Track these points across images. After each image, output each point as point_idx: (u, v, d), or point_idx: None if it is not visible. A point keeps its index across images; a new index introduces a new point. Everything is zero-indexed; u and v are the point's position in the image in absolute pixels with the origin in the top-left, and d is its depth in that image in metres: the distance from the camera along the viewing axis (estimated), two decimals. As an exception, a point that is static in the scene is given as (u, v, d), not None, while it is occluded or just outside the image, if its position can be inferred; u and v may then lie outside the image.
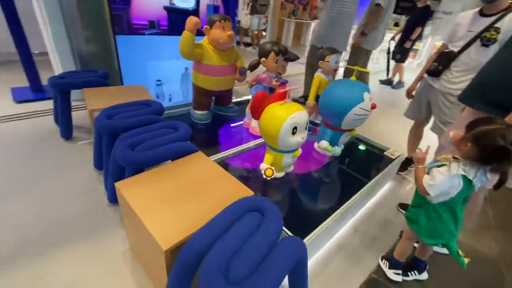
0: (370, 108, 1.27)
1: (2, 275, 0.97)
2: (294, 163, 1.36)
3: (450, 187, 0.80)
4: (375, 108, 1.29)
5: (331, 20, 2.58)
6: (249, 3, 5.38)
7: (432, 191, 0.81)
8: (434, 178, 0.80)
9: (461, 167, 0.77)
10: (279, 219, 0.79)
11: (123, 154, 0.98)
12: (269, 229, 0.73)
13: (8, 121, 1.98)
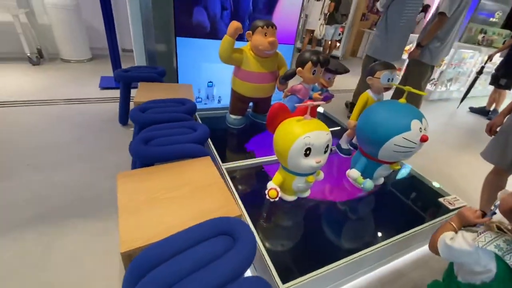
0: (419, 140, 1.01)
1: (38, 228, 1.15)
2: (314, 187, 1.20)
3: (474, 263, 0.55)
4: (427, 141, 1.02)
5: (397, 29, 2.37)
6: (328, 13, 5.19)
7: (442, 251, 0.59)
8: (454, 239, 0.57)
9: (495, 242, 0.52)
10: (250, 251, 0.68)
11: (134, 146, 1.03)
12: (230, 263, 0.63)
13: (89, 103, 2.38)
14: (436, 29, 2.20)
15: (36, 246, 1.10)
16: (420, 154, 2.72)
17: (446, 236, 0.64)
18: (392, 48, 2.45)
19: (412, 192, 1.39)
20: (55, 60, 3.32)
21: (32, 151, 1.66)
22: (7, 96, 2.28)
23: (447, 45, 2.31)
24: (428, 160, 2.41)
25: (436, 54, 2.29)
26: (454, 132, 3.12)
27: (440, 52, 2.30)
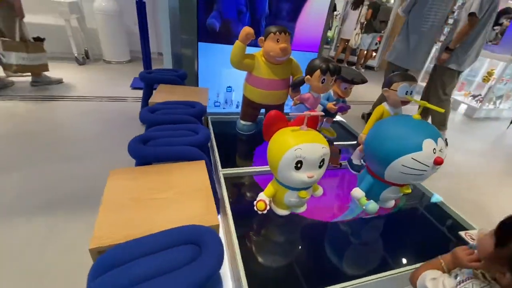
0: (432, 162, 0.88)
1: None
2: (312, 203, 1.12)
3: None
4: (441, 165, 0.89)
5: (419, 36, 2.30)
6: (365, 22, 4.98)
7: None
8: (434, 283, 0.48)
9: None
10: (214, 264, 0.64)
11: (132, 145, 1.06)
12: (189, 275, 0.60)
13: (120, 101, 2.55)
14: (466, 31, 2.10)
15: (40, 229, 1.19)
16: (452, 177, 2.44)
17: (428, 274, 0.54)
18: (413, 55, 2.37)
19: (428, 220, 1.23)
20: (99, 61, 3.65)
21: (58, 142, 1.81)
22: (49, 92, 2.55)
23: (474, 50, 2.20)
24: (461, 184, 2.15)
25: (463, 59, 2.19)
26: (500, 156, 2.75)
27: (468, 57, 2.20)
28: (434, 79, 2.39)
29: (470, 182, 2.20)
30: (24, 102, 2.30)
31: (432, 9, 2.24)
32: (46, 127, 1.98)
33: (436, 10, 2.25)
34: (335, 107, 1.49)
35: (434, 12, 2.25)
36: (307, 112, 0.91)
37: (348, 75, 1.39)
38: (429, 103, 0.97)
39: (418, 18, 2.28)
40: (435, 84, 2.38)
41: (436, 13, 2.25)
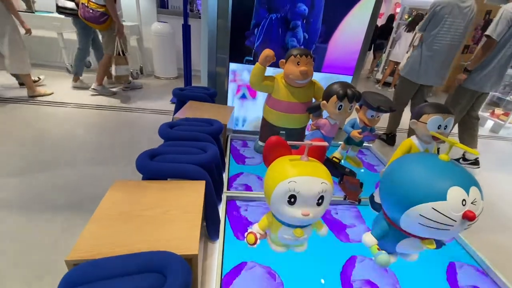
0: (460, 217, 0.71)
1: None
2: (315, 243, 1.00)
3: None
4: (473, 221, 0.70)
5: (432, 53, 2.37)
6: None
7: None
8: None
9: None
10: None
11: (139, 160, 1.09)
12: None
13: (158, 114, 2.75)
14: (483, 53, 2.16)
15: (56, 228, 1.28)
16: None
17: None
18: (424, 71, 2.46)
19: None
20: (151, 76, 4.05)
21: (87, 147, 2.00)
22: (98, 102, 2.88)
23: (494, 72, 2.23)
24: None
25: (478, 80, 2.27)
26: None
27: (485, 77, 2.25)
28: (455, 98, 2.48)
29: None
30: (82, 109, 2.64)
31: (447, 27, 2.29)
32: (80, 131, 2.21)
33: (452, 29, 2.29)
34: (360, 135, 1.35)
35: (449, 30, 2.30)
36: (308, 142, 0.82)
37: (374, 102, 1.26)
38: (447, 149, 0.79)
39: (432, 36, 2.35)
40: (454, 102, 2.49)
41: (450, 31, 2.30)
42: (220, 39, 2.21)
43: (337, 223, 1.18)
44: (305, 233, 0.88)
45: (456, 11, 2.24)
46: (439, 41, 2.33)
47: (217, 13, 2.08)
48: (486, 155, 3.22)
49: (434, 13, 2.31)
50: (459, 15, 2.25)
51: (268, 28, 2.02)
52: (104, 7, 2.69)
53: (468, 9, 2.26)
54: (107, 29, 2.86)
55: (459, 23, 2.26)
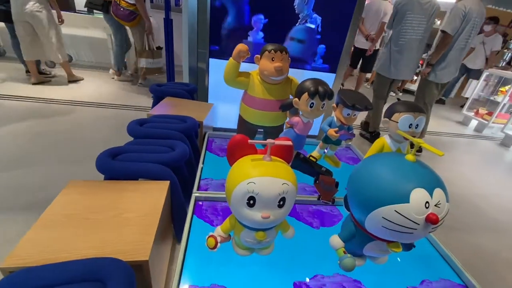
0: (423, 220, 0.68)
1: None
2: (284, 243, 0.96)
3: None
4: (436, 225, 0.68)
5: (400, 48, 2.53)
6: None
7: None
8: None
9: None
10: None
11: (98, 158, 1.03)
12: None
13: (137, 110, 2.67)
14: (441, 47, 2.41)
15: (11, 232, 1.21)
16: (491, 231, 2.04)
17: None
18: (394, 66, 2.60)
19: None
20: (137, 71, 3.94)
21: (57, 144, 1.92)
22: (80, 97, 2.77)
23: (450, 64, 2.46)
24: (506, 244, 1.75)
25: (439, 72, 2.50)
26: None
27: (443, 70, 2.49)
28: (421, 90, 2.73)
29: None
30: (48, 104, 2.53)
31: (409, 23, 2.43)
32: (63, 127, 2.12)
33: (414, 24, 2.43)
34: (336, 134, 1.32)
35: (412, 26, 2.44)
36: (270, 141, 0.78)
37: (350, 100, 1.23)
38: (412, 149, 0.76)
39: (397, 32, 2.50)
40: (418, 95, 2.78)
41: (413, 27, 2.44)
42: (200, 34, 2.14)
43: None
44: (268, 236, 0.84)
45: (417, 7, 2.38)
46: (403, 36, 2.47)
47: (197, 7, 2.02)
48: (469, 155, 3.26)
49: (397, 10, 2.47)
50: (420, 11, 2.39)
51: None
52: (134, 6, 2.87)
53: (429, 5, 2.39)
54: (137, 26, 3.07)
55: (421, 19, 2.40)
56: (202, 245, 0.96)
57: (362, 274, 0.96)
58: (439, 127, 4.04)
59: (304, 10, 1.95)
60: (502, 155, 3.36)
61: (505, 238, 1.82)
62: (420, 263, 1.05)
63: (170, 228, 1.11)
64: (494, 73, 4.24)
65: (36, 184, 1.52)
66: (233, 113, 2.21)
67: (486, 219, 1.99)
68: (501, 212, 2.09)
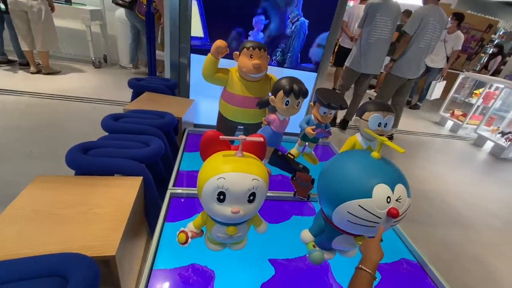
0: (384, 214, 0.71)
1: None
2: (257, 239, 0.98)
3: None
4: (397, 218, 0.71)
5: (368, 45, 2.82)
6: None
7: None
8: None
9: None
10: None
11: (68, 153, 1.00)
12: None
13: (114, 105, 2.60)
14: (402, 45, 2.83)
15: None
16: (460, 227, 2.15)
17: None
18: (364, 61, 2.89)
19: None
20: (115, 65, 3.82)
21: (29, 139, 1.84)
22: (56, 90, 2.67)
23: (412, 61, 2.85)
24: (468, 237, 1.85)
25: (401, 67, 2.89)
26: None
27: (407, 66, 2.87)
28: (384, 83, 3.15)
29: (484, 238, 1.89)
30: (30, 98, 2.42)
31: (377, 23, 2.73)
32: (38, 123, 2.04)
33: (381, 24, 2.74)
34: (313, 132, 1.35)
35: (380, 27, 2.74)
36: (242, 137, 0.79)
37: (326, 98, 1.25)
38: (377, 146, 0.80)
39: (367, 31, 2.79)
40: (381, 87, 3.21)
41: (381, 27, 2.74)
42: (182, 28, 2.12)
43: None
44: (240, 231, 0.85)
45: (385, 10, 2.71)
46: (373, 35, 2.76)
47: (179, 1, 1.99)
48: (444, 154, 3.41)
49: (368, 12, 2.77)
50: (387, 14, 2.72)
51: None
52: (154, 2, 2.96)
53: (394, 8, 2.75)
54: (157, 22, 3.24)
55: (387, 20, 2.73)
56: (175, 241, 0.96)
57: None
58: (419, 127, 4.19)
59: (294, 10, 1.97)
60: (474, 154, 3.53)
61: (471, 233, 1.93)
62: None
63: (144, 225, 1.10)
64: (470, 76, 4.44)
65: (1, 179, 1.45)
66: (215, 110, 2.20)
67: (455, 215, 2.10)
68: (469, 208, 2.21)
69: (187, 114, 1.70)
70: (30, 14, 2.73)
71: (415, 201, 2.09)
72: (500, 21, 7.31)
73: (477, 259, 1.69)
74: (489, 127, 3.72)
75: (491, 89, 3.94)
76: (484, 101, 4.00)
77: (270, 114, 1.22)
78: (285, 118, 1.20)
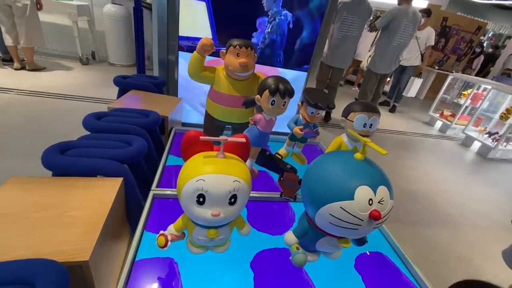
0: (366, 216, 0.70)
1: None
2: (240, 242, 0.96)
3: None
4: (379, 220, 0.70)
5: (337, 40, 3.02)
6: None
7: None
8: None
9: None
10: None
11: (45, 153, 0.97)
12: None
13: (101, 103, 2.54)
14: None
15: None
16: (447, 226, 2.18)
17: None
18: (335, 56, 3.11)
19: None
20: (104, 62, 3.74)
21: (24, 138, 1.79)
22: (43, 88, 2.59)
23: (386, 58, 3.16)
24: (456, 237, 1.87)
25: (379, 63, 3.20)
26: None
27: (379, 62, 3.20)
28: (364, 79, 3.46)
29: (471, 236, 1.92)
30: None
31: (345, 21, 2.92)
32: (20, 120, 1.97)
33: (348, 22, 2.92)
34: (301, 132, 1.34)
35: (348, 25, 2.93)
36: (223, 137, 0.77)
37: (313, 98, 1.24)
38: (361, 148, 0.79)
39: (336, 28, 2.99)
40: (362, 83, 3.52)
41: (348, 24, 2.93)
42: (171, 25, 2.08)
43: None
44: (221, 234, 0.83)
45: (352, 9, 2.90)
46: (340, 32, 2.97)
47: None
48: (433, 154, 3.45)
49: (337, 10, 2.94)
50: (355, 13, 2.90)
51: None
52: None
53: (363, 7, 2.91)
54: None
55: (354, 19, 2.92)
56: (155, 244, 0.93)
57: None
58: (409, 127, 4.24)
59: (272, 7, 1.95)
60: (462, 154, 3.60)
61: (458, 232, 1.96)
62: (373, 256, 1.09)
63: (126, 227, 1.07)
64: (459, 77, 4.51)
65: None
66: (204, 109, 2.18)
67: (442, 214, 2.12)
68: (456, 208, 2.24)
69: (174, 112, 1.67)
70: (14, 8, 2.65)
71: (403, 201, 2.12)
72: (489, 23, 7.47)
73: (464, 258, 1.71)
74: (477, 128, 3.79)
75: (479, 90, 4.01)
76: (472, 102, 4.08)
77: (256, 114, 1.20)
78: (271, 118, 1.18)
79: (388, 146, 3.18)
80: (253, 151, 1.31)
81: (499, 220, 2.18)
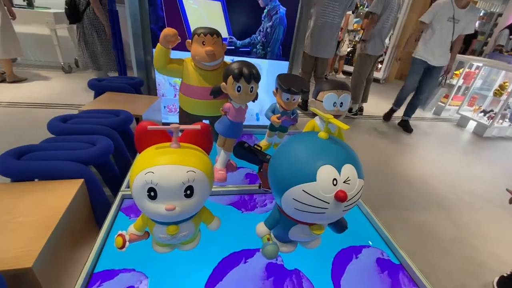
0: (332, 198, 0.65)
1: None
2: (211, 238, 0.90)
3: None
4: (346, 201, 0.65)
5: (317, 28, 2.93)
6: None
7: None
8: None
9: None
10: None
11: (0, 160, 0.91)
12: None
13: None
14: (368, 25, 3.05)
15: None
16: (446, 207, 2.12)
17: None
18: (315, 45, 3.00)
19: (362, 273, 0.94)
20: (88, 69, 3.68)
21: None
22: (24, 99, 2.54)
23: (377, 40, 3.08)
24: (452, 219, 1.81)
25: (374, 46, 3.10)
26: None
27: (373, 44, 3.10)
28: (358, 63, 3.31)
29: (466, 216, 1.86)
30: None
31: (324, 8, 2.81)
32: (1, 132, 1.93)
33: (329, 9, 2.82)
34: (278, 120, 1.28)
35: (328, 11, 2.82)
36: (174, 125, 0.71)
37: (285, 83, 1.19)
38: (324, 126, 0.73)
39: (315, 15, 2.89)
40: (354, 68, 3.40)
41: (328, 11, 2.83)
42: (145, 23, 2.02)
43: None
44: (183, 230, 0.78)
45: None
46: (321, 18, 2.86)
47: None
48: (428, 137, 3.39)
49: None
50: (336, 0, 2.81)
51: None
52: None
53: None
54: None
55: (334, 5, 2.81)
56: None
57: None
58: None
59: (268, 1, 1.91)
60: (458, 135, 3.53)
61: (451, 214, 1.90)
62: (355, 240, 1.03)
63: (94, 230, 1.02)
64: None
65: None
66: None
67: (436, 197, 2.06)
68: (450, 190, 2.18)
69: (150, 111, 1.62)
70: None
71: (398, 186, 2.06)
72: (480, 2, 7.36)
73: (458, 239, 1.66)
74: (472, 107, 3.72)
75: (471, 68, 3.93)
76: (465, 81, 4.00)
77: (226, 103, 1.14)
78: (241, 106, 1.12)
79: (382, 131, 3.11)
80: (228, 143, 1.26)
81: (495, 199, 2.12)
